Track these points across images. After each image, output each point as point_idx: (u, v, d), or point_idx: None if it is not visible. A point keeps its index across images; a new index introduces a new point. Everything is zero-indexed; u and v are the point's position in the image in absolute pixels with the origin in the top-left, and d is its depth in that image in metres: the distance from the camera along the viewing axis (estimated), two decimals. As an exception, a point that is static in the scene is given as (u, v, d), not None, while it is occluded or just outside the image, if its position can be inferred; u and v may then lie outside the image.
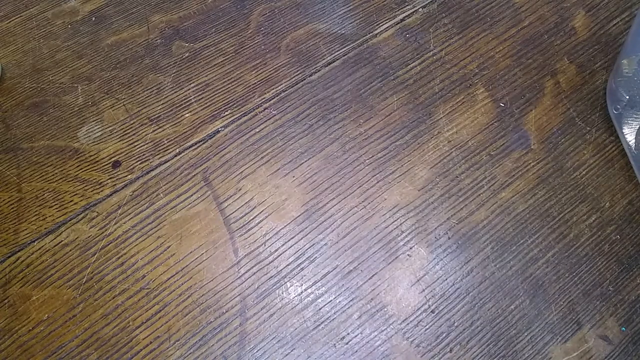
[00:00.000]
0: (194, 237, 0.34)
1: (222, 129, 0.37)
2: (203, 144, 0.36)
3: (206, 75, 0.39)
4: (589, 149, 0.36)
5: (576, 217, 0.34)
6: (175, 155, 0.36)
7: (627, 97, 0.35)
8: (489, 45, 0.40)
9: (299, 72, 0.39)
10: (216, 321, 0.31)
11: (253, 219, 0.34)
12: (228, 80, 0.39)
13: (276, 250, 0.33)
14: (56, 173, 0.36)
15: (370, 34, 0.40)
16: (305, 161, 0.36)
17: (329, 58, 0.39)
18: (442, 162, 0.36)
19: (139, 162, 0.36)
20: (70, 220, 0.34)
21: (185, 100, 0.38)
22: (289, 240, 0.34)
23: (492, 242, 0.33)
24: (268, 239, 0.34)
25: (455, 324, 0.31)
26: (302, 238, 0.34)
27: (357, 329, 0.31)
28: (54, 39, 0.41)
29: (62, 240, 0.33)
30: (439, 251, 0.33)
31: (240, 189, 0.35)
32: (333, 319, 0.32)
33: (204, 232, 0.34)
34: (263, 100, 0.38)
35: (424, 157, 0.36)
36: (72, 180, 0.35)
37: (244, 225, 0.34)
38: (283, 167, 0.36)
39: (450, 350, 0.31)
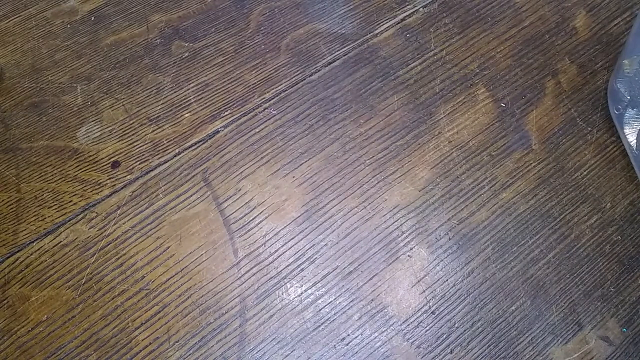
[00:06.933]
0: (193, 238, 0.33)
1: (222, 129, 0.37)
2: (203, 144, 0.36)
3: (206, 75, 0.39)
4: (590, 149, 0.36)
5: (577, 218, 0.34)
6: (175, 156, 0.36)
7: (629, 98, 0.35)
8: (490, 45, 0.40)
9: (299, 72, 0.39)
10: (216, 322, 0.31)
11: (253, 219, 0.34)
12: (228, 80, 0.39)
13: (276, 251, 0.33)
14: (55, 173, 0.36)
15: (371, 34, 0.40)
16: (306, 161, 0.36)
17: (329, 58, 0.39)
18: (443, 163, 0.36)
19: (139, 163, 0.36)
20: (69, 221, 0.34)
21: (185, 100, 0.38)
22: (289, 241, 0.33)
23: (493, 243, 0.33)
24: (268, 240, 0.33)
25: (456, 325, 0.31)
26: (302, 239, 0.33)
27: (358, 330, 0.31)
28: (53, 39, 0.40)
29: (61, 241, 0.33)
30: (440, 252, 0.33)
31: (240, 190, 0.35)
32: (333, 320, 0.31)
33: (203, 233, 0.34)
34: (263, 100, 0.38)
35: (424, 158, 0.36)
36: (71, 180, 0.35)
37: (243, 225, 0.34)
38: (283, 168, 0.36)
39: (451, 352, 0.31)
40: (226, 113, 0.37)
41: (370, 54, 0.39)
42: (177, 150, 0.36)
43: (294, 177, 0.35)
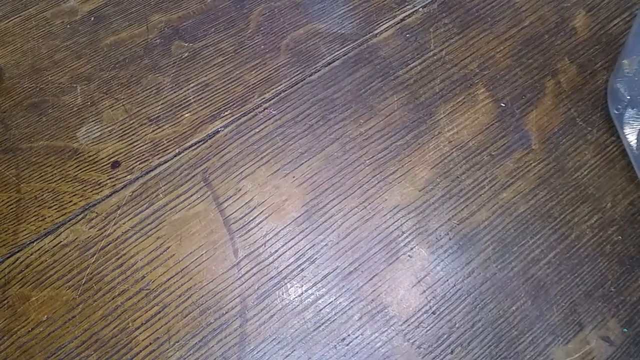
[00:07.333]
0: (193, 238, 0.33)
1: (222, 129, 0.37)
2: (203, 144, 0.36)
3: (206, 75, 0.39)
4: (590, 149, 0.36)
5: (577, 218, 0.34)
6: (175, 156, 0.36)
7: (628, 97, 0.35)
8: (490, 45, 0.40)
9: (298, 72, 0.39)
10: (216, 322, 0.31)
11: (253, 219, 0.34)
12: (228, 80, 0.39)
13: (276, 251, 0.33)
14: (55, 173, 0.36)
15: (371, 34, 0.40)
16: (306, 161, 0.36)
17: (329, 58, 0.39)
18: (443, 163, 0.36)
19: (139, 163, 0.36)
20: (69, 221, 0.34)
21: (185, 101, 0.38)
22: (289, 241, 0.33)
23: (494, 243, 0.33)
24: (268, 240, 0.33)
25: (457, 325, 0.31)
26: (302, 239, 0.33)
27: (358, 330, 0.31)
28: (53, 39, 0.40)
29: (61, 241, 0.33)
30: (440, 252, 0.33)
31: (240, 190, 0.35)
32: (333, 320, 0.31)
33: (203, 233, 0.34)
34: (263, 100, 0.38)
35: (424, 158, 0.36)
36: (71, 180, 0.35)
37: (244, 225, 0.34)
38: (283, 168, 0.35)
39: (452, 352, 0.31)
40: (226, 113, 0.37)
41: (370, 54, 0.39)
42: (177, 150, 0.36)
43: (294, 177, 0.35)
